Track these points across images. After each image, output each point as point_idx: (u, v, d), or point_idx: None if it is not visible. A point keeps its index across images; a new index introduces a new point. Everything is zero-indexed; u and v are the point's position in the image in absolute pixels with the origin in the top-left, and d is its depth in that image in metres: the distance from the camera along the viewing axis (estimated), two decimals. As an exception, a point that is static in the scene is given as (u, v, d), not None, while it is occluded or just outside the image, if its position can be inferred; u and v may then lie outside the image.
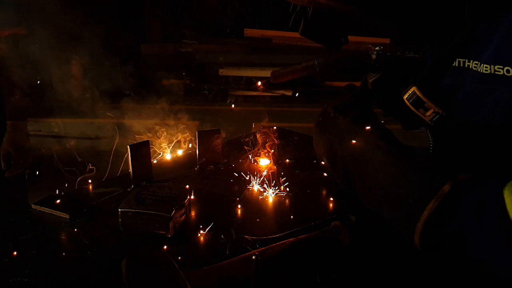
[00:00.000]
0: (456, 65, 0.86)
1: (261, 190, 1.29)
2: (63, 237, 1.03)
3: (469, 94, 0.83)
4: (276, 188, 1.29)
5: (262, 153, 1.50)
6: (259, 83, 1.23)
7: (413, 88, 0.85)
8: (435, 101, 0.84)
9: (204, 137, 1.42)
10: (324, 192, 1.29)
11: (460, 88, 0.84)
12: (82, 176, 1.47)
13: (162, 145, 1.56)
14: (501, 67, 0.75)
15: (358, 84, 1.07)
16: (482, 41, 0.80)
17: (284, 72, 1.05)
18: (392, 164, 0.75)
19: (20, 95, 1.82)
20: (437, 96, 0.84)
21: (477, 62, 0.81)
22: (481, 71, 0.79)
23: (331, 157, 0.86)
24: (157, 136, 1.57)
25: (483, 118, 0.79)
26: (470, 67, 0.83)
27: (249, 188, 1.30)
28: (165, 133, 1.60)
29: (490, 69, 0.77)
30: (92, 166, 1.49)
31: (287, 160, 1.52)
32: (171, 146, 1.57)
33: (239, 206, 1.19)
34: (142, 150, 1.29)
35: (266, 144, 1.51)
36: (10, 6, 1.78)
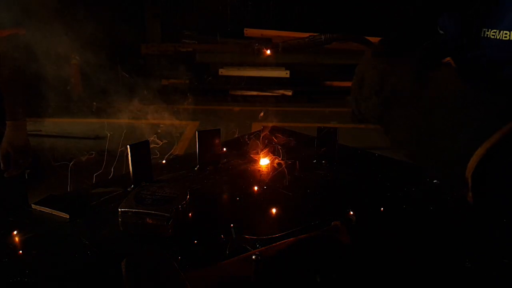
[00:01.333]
0: (483, 35, 0.87)
1: (262, 188, 1.29)
2: (63, 237, 1.03)
3: (490, 63, 0.83)
4: (278, 185, 1.29)
5: (262, 152, 1.50)
6: (268, 51, 1.23)
7: (448, 59, 0.86)
8: (462, 73, 0.84)
9: (204, 137, 1.42)
10: (324, 192, 1.29)
11: (483, 57, 0.85)
12: (74, 160, 1.46)
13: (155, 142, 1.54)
14: None
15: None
16: (502, 9, 0.81)
17: (292, 43, 1.08)
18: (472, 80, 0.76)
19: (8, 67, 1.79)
20: (463, 68, 0.85)
21: (495, 31, 0.82)
22: (500, 38, 0.80)
23: (380, 78, 0.84)
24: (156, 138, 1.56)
25: (504, 85, 0.79)
26: (489, 36, 0.84)
27: (249, 188, 1.30)
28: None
29: (510, 35, 0.78)
30: (88, 153, 1.49)
31: (288, 160, 1.52)
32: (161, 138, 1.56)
33: (239, 205, 1.19)
34: (142, 150, 1.29)
35: (266, 144, 1.51)
36: (10, 5, 1.77)
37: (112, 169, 1.51)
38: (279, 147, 1.48)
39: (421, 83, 0.78)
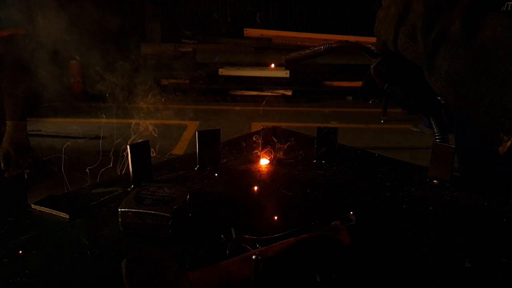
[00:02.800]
0: (504, 8, 0.85)
1: (262, 188, 1.29)
2: (63, 237, 1.03)
3: None
4: (278, 186, 1.29)
5: (262, 152, 1.50)
6: (272, 65, 1.27)
7: None
8: None
9: (204, 137, 1.42)
10: (324, 192, 1.29)
11: None
12: (67, 143, 1.46)
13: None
14: None
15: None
16: None
17: (296, 56, 1.09)
18: None
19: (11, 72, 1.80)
20: None
21: None
22: None
23: (430, 15, 0.79)
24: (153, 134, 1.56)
25: None
26: None
27: (249, 188, 1.30)
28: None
29: None
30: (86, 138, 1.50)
31: (287, 160, 1.52)
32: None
33: (239, 205, 1.19)
34: (142, 150, 1.29)
35: (266, 144, 1.51)
36: (11, 5, 1.77)
37: (111, 155, 1.51)
38: (291, 142, 1.49)
39: (473, 27, 0.75)
